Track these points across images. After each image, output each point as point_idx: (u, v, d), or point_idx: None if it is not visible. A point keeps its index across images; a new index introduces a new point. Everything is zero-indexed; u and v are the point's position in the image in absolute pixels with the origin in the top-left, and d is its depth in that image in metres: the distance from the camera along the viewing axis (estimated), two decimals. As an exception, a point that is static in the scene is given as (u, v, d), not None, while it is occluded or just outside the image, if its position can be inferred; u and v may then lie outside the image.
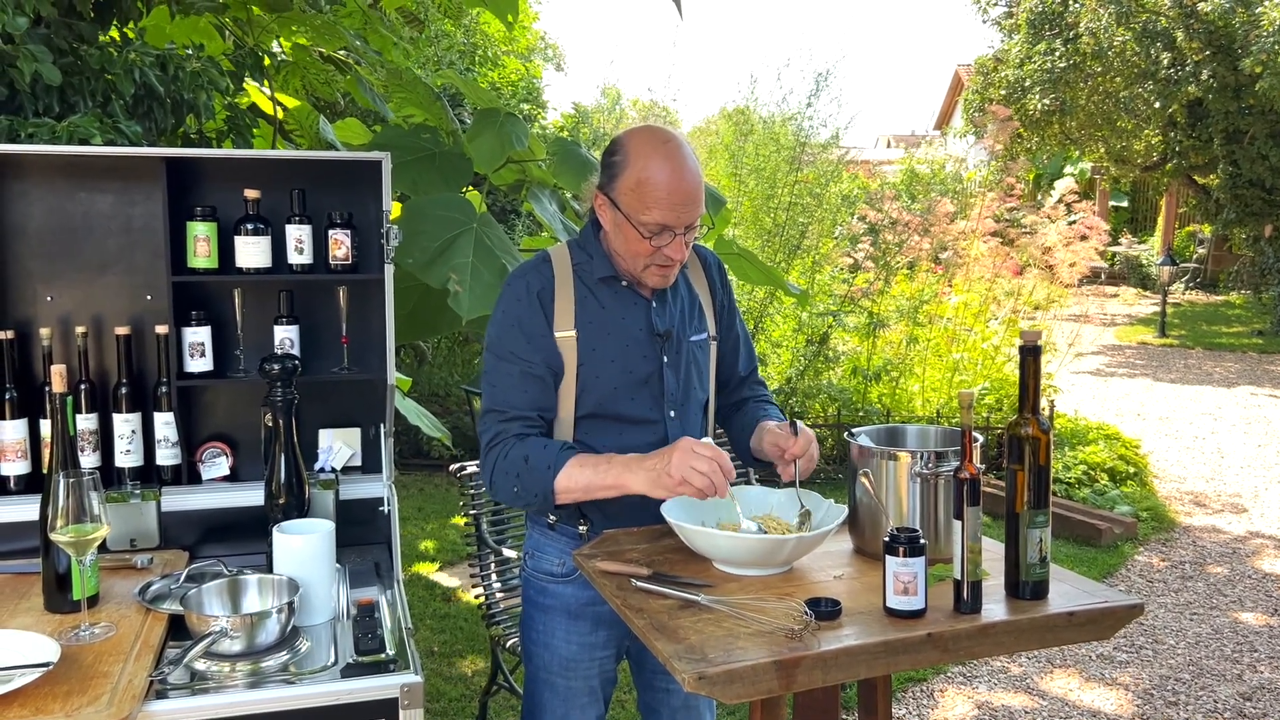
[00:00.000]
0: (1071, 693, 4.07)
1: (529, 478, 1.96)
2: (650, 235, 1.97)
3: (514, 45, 10.97)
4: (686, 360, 2.15)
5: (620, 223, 2.01)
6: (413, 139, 3.09)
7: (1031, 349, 1.77)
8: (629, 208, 1.98)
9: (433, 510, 6.43)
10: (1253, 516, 6.48)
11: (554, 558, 2.15)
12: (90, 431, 2.37)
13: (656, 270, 2.03)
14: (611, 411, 2.06)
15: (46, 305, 2.40)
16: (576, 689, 2.16)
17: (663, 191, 1.94)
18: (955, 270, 8.51)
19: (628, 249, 2.02)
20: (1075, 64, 14.60)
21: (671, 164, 1.96)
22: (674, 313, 2.15)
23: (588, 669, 2.16)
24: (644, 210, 1.96)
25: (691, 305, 2.20)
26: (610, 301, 2.09)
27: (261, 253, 2.41)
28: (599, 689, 2.19)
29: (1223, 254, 19.69)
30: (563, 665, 2.15)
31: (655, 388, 2.09)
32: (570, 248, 2.13)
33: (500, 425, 2.01)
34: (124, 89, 2.82)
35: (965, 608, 1.70)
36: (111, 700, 1.58)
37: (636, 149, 1.99)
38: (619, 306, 2.09)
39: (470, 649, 4.36)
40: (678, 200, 1.95)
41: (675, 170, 1.96)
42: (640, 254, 2.01)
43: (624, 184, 1.98)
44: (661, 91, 26.25)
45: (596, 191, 2.06)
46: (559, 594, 2.15)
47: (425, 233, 2.81)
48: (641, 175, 1.96)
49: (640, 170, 1.96)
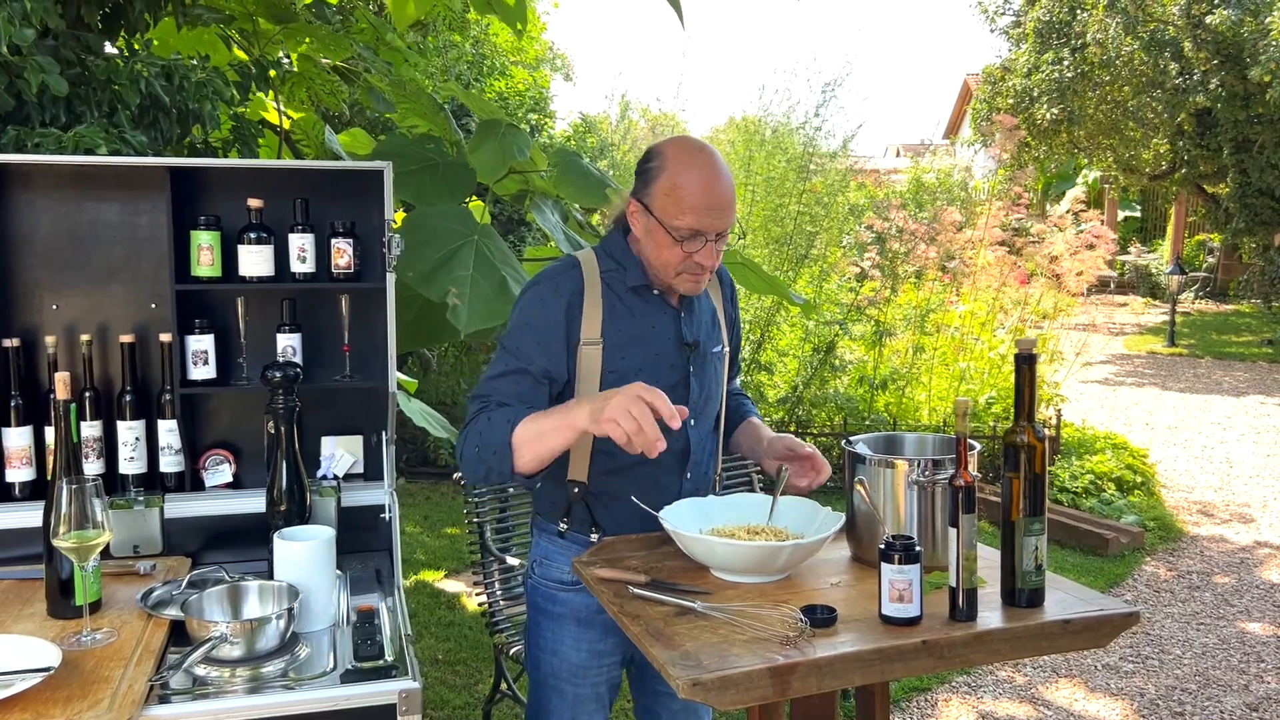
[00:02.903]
0: (1076, 703, 4.06)
1: (490, 434, 1.95)
2: (682, 240, 1.99)
3: (522, 56, 11.01)
4: (709, 372, 2.18)
5: (653, 228, 2.03)
6: (417, 149, 3.12)
7: (1027, 357, 1.78)
8: (663, 213, 2.00)
9: (439, 518, 6.45)
10: (1261, 526, 6.45)
11: (564, 566, 2.15)
12: (95, 438, 2.39)
13: (688, 278, 2.05)
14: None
15: (52, 313, 2.43)
16: (585, 695, 2.17)
17: (697, 197, 1.97)
18: (962, 279, 8.50)
19: (659, 256, 2.04)
20: (1083, 73, 14.60)
21: (707, 171, 1.99)
22: (700, 323, 2.18)
23: (596, 675, 2.17)
24: (678, 215, 1.98)
25: (712, 317, 2.24)
26: (640, 310, 2.10)
27: (264, 261, 2.43)
28: (605, 695, 2.21)
29: (1232, 263, 19.63)
30: (572, 672, 2.16)
31: (679, 396, 2.10)
32: (598, 255, 2.14)
33: (480, 406, 2.03)
34: (130, 99, 2.85)
35: (961, 615, 1.70)
36: (112, 705, 1.59)
37: (673, 156, 2.02)
38: (649, 315, 2.11)
39: (474, 657, 4.37)
40: (712, 204, 1.98)
41: (710, 177, 1.99)
42: (672, 261, 2.03)
43: (659, 189, 2.01)
44: (670, 101, 26.29)
45: (630, 198, 2.08)
46: (569, 602, 2.16)
47: (426, 244, 2.83)
48: (677, 180, 1.99)
49: (676, 175, 1.99)
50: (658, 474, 2.10)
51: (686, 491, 2.15)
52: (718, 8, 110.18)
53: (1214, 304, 19.49)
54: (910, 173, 15.30)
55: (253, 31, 3.59)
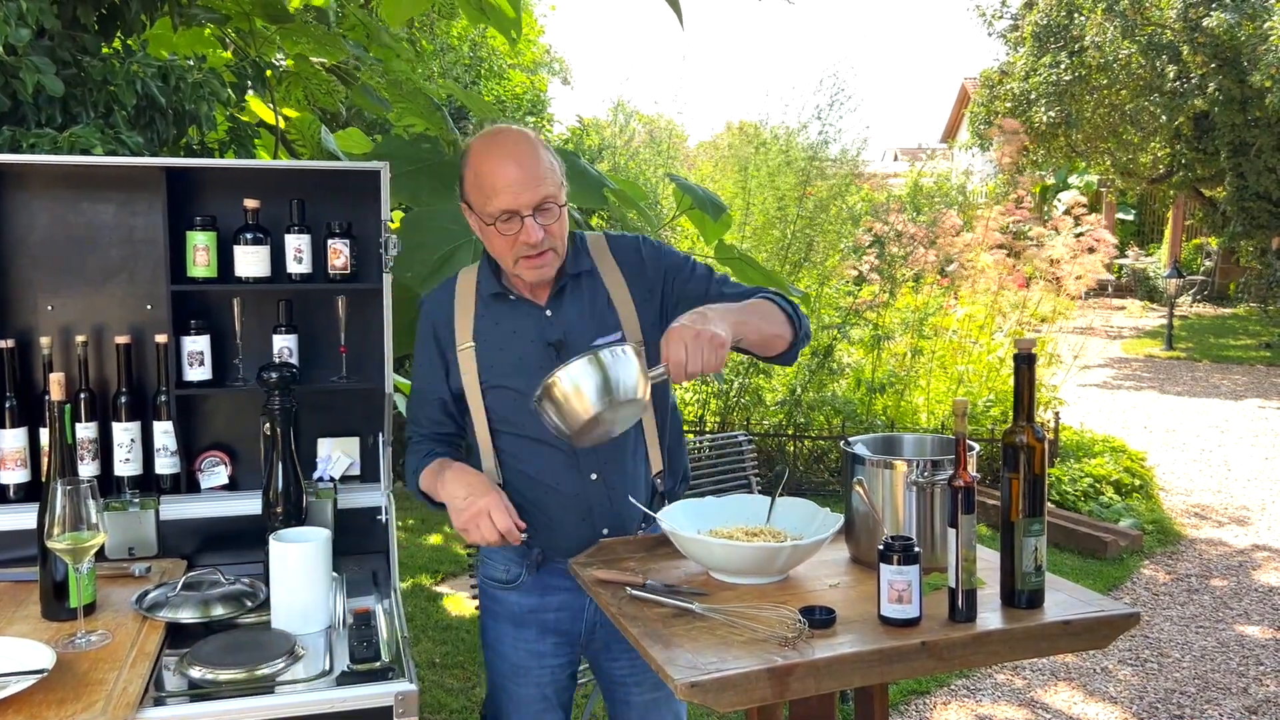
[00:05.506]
0: (1075, 706, 4.05)
1: (409, 480, 2.18)
2: (497, 223, 1.97)
3: (520, 59, 11.02)
4: None
5: (479, 225, 2.04)
6: (413, 149, 3.10)
7: (1026, 357, 1.77)
8: (478, 206, 2.01)
9: (436, 521, 6.43)
10: (1259, 529, 6.45)
11: (499, 565, 2.18)
12: (90, 440, 2.37)
13: (525, 263, 2.01)
14: (520, 430, 2.07)
15: (47, 314, 2.41)
16: (529, 695, 2.17)
17: (496, 177, 1.96)
18: (961, 282, 8.50)
19: (493, 248, 2.06)
20: (1081, 77, 14.63)
21: (500, 150, 1.99)
22: (571, 319, 2.09)
23: (538, 676, 2.17)
24: (487, 202, 1.98)
25: (595, 306, 2.11)
26: (504, 316, 2.11)
27: (260, 262, 2.42)
28: (553, 696, 2.20)
29: (1230, 266, 19.65)
30: (513, 670, 2.18)
31: None
32: (480, 264, 2.18)
33: (409, 429, 2.23)
34: (126, 100, 2.84)
35: (960, 616, 1.69)
36: (106, 707, 1.58)
37: (473, 148, 2.04)
38: (511, 320, 2.10)
39: (472, 660, 4.35)
40: (513, 181, 1.96)
41: (504, 155, 1.98)
42: (503, 250, 2.02)
43: (468, 185, 2.03)
44: (669, 105, 26.33)
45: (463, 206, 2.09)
46: (504, 600, 2.18)
47: (424, 245, 2.82)
48: (478, 169, 2.00)
49: (476, 165, 2.01)
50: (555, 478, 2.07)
51: (595, 490, 2.07)
52: (715, 12, 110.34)
53: (1212, 307, 19.50)
54: (908, 176, 15.31)
55: (249, 32, 3.59)
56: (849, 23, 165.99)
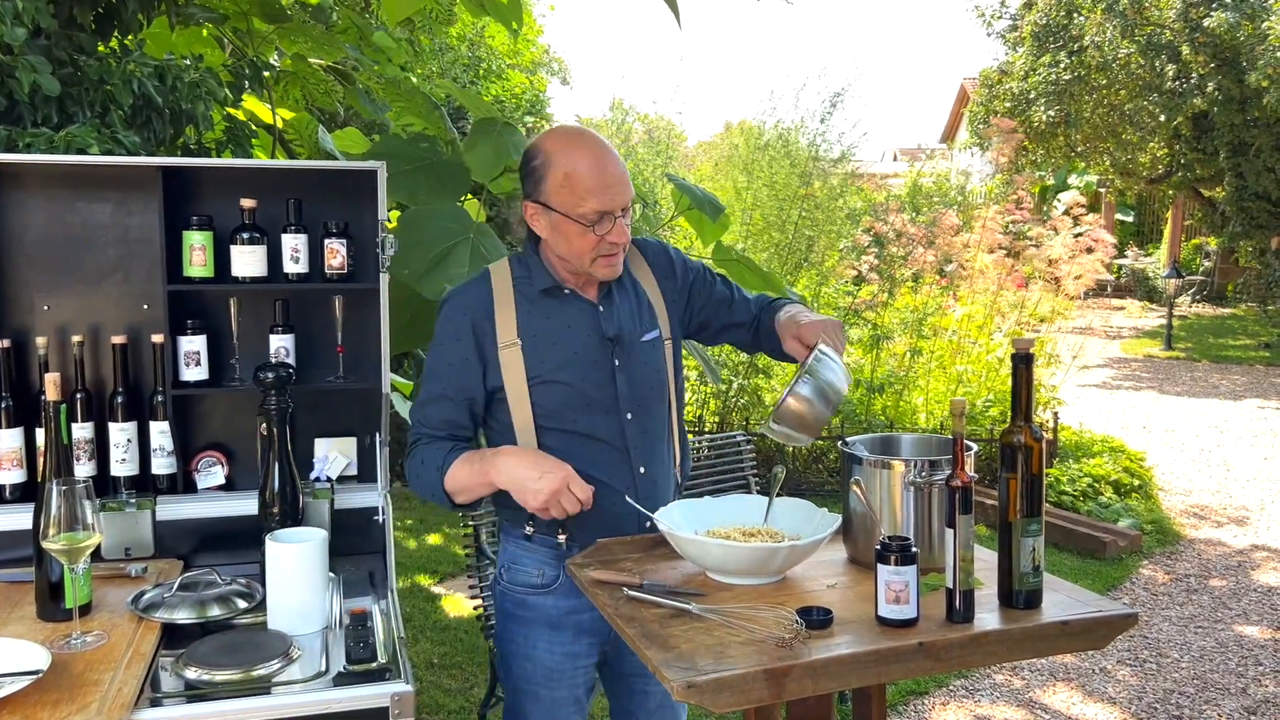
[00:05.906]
0: (1073, 707, 4.04)
1: (427, 478, 2.07)
2: (593, 225, 1.99)
3: (518, 59, 11.02)
4: (640, 362, 2.13)
5: (558, 223, 2.02)
6: (411, 148, 3.10)
7: (1024, 356, 1.77)
8: (563, 205, 2.00)
9: (433, 521, 6.43)
10: (1259, 530, 6.44)
11: (532, 569, 2.14)
12: (86, 440, 2.37)
13: (604, 261, 2.04)
14: (570, 426, 2.06)
15: (43, 314, 2.41)
16: (561, 699, 2.15)
17: (593, 179, 1.98)
18: (959, 282, 8.50)
19: (571, 248, 2.03)
20: (1080, 76, 14.63)
21: (593, 152, 2.01)
22: (622, 314, 2.13)
23: (572, 678, 2.15)
24: (579, 203, 1.98)
25: (639, 304, 2.18)
26: (555, 311, 2.09)
27: (257, 262, 2.42)
28: (583, 698, 2.19)
29: (1229, 266, 19.65)
30: (546, 676, 2.14)
31: (606, 391, 2.08)
32: (510, 262, 2.16)
33: (418, 431, 2.13)
34: (122, 99, 2.83)
35: (958, 617, 1.69)
36: (101, 708, 1.58)
37: (555, 147, 2.03)
38: (564, 315, 2.09)
39: (470, 661, 4.35)
40: (609, 183, 1.98)
41: (598, 157, 2.00)
42: (585, 249, 2.02)
43: (552, 184, 2.01)
44: (667, 105, 26.34)
45: (526, 203, 2.08)
46: (539, 605, 2.14)
47: (421, 243, 2.81)
48: (568, 169, 1.99)
49: (565, 165, 1.99)
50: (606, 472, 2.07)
51: (644, 484, 2.11)
52: (714, 12, 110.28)
53: (1211, 307, 19.50)
54: (907, 176, 15.32)
55: (246, 31, 3.58)
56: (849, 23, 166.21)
